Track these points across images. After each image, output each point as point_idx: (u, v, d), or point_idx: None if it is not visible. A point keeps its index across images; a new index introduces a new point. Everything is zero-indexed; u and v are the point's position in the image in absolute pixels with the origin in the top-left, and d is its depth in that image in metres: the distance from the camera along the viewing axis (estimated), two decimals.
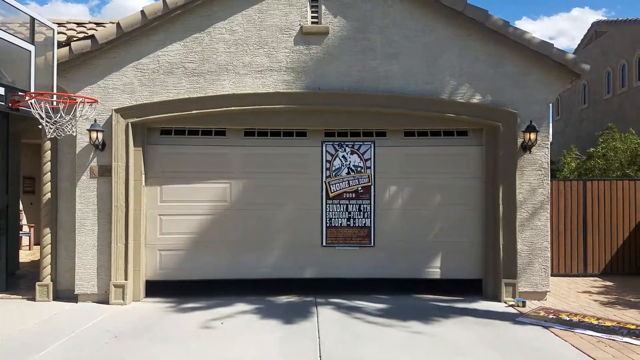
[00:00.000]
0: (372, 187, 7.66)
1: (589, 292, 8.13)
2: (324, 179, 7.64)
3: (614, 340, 5.57)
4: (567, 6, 69.29)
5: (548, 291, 7.48)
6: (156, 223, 7.52)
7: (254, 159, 7.61)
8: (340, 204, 7.64)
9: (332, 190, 7.61)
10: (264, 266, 7.63)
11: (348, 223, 7.63)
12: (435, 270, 7.69)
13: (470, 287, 7.71)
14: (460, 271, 7.66)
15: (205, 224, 7.56)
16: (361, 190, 7.65)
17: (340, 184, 7.64)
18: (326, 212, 7.63)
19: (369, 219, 7.64)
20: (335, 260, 7.64)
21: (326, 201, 7.63)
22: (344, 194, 7.64)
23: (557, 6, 69.48)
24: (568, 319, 6.40)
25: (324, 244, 7.63)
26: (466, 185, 7.64)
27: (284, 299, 7.35)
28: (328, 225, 7.63)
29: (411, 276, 7.66)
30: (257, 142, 7.63)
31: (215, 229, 7.56)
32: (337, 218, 7.63)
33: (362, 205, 7.64)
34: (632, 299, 7.57)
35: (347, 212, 7.63)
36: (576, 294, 7.94)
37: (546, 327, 6.04)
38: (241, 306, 6.90)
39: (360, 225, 7.63)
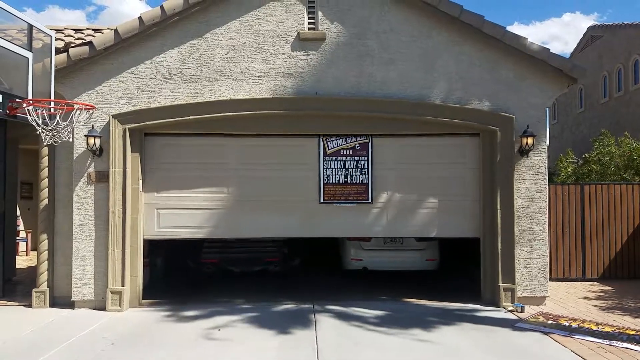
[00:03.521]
0: (370, 144, 7.63)
1: (588, 297, 8.12)
2: (321, 136, 7.62)
3: (613, 346, 5.55)
4: (558, 11, 69.73)
5: (547, 296, 7.47)
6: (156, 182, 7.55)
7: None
8: (337, 161, 7.61)
9: (330, 147, 7.60)
10: (262, 226, 7.60)
11: (345, 180, 7.60)
12: (432, 230, 7.71)
13: (468, 291, 7.75)
14: (457, 230, 7.68)
15: (204, 182, 7.56)
16: (358, 147, 7.62)
17: (338, 140, 7.62)
18: (324, 169, 7.60)
19: (367, 176, 7.60)
20: (332, 217, 7.62)
21: (323, 158, 7.61)
22: (342, 150, 7.62)
23: (548, 12, 69.88)
24: (567, 324, 6.38)
25: (322, 200, 7.59)
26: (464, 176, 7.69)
27: (281, 306, 7.32)
28: (325, 182, 7.59)
29: (408, 235, 7.82)
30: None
31: (213, 192, 7.55)
32: (335, 175, 7.59)
33: (359, 162, 7.61)
34: (631, 304, 7.56)
35: (344, 169, 7.61)
36: (575, 299, 7.93)
37: (546, 333, 6.03)
38: (239, 312, 6.87)
39: (358, 182, 7.59)
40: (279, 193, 7.58)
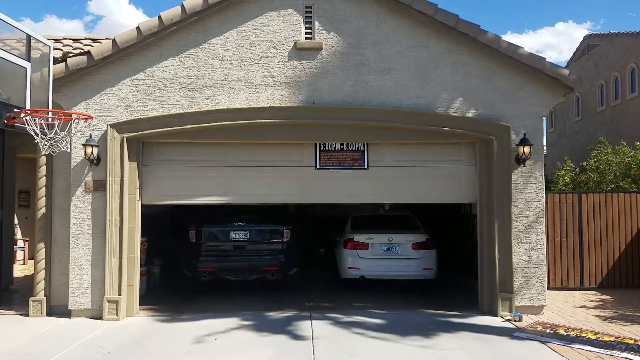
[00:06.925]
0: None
1: (586, 306, 8.09)
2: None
3: (612, 355, 5.53)
4: (551, 20, 70.44)
5: (545, 305, 7.45)
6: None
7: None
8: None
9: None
10: (259, 192, 7.64)
11: (342, 147, 7.68)
12: (426, 195, 7.77)
13: (466, 300, 7.73)
14: (453, 196, 7.79)
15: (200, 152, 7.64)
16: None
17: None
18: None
19: (362, 143, 7.69)
20: (329, 183, 7.68)
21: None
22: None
23: (540, 21, 70.60)
24: (565, 333, 6.36)
25: (318, 166, 7.66)
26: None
27: (279, 314, 7.30)
28: (322, 148, 7.68)
29: (405, 201, 7.87)
30: None
31: (211, 157, 7.63)
32: (331, 141, 7.68)
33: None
34: (630, 313, 7.54)
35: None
36: (573, 308, 7.90)
37: (543, 342, 6.01)
38: (235, 321, 6.85)
39: (353, 149, 7.68)
40: (276, 159, 7.65)
